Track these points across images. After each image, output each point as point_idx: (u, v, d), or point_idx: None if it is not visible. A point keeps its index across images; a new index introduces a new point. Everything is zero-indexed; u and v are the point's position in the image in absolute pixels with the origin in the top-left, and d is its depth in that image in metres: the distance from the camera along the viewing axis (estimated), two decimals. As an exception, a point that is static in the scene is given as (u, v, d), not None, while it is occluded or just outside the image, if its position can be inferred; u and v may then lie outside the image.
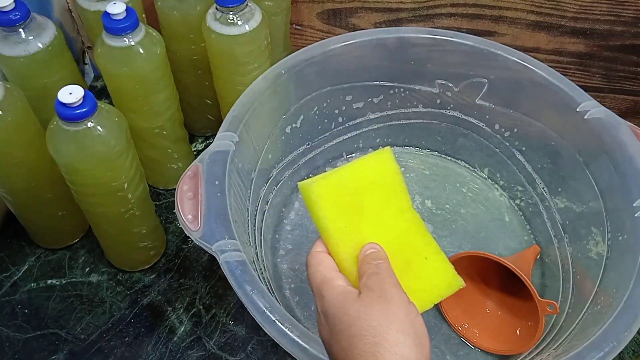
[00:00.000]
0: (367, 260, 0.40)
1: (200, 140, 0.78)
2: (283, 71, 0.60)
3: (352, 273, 0.40)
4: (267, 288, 0.49)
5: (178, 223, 0.67)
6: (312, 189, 0.42)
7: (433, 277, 0.44)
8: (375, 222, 0.43)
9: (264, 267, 0.59)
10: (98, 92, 0.82)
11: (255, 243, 0.58)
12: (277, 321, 0.44)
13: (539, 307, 0.53)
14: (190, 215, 0.49)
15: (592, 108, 0.57)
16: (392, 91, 0.68)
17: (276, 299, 0.51)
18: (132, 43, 0.55)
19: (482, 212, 0.70)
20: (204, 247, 0.47)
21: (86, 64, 0.82)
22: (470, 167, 0.75)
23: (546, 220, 0.66)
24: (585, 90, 0.59)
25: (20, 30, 0.54)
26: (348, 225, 0.42)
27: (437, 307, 0.61)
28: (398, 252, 0.43)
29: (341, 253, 0.41)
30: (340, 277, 0.39)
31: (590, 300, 0.51)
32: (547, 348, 0.52)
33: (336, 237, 0.41)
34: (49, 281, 0.64)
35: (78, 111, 0.48)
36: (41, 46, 0.55)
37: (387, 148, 0.45)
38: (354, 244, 0.41)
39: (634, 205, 0.51)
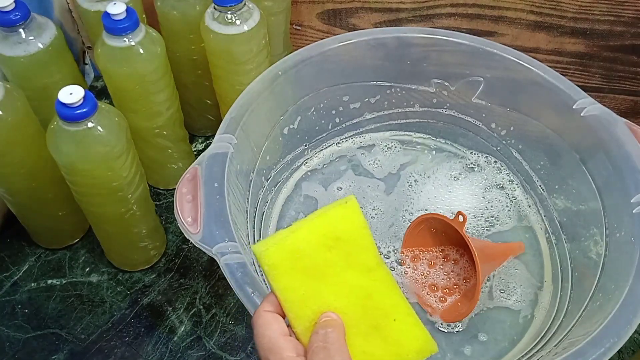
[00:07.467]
0: (316, 329, 0.38)
1: (200, 141, 0.79)
2: (280, 72, 0.60)
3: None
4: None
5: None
6: (266, 258, 0.38)
7: (402, 342, 0.40)
8: (339, 284, 0.40)
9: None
10: (98, 92, 0.82)
11: (255, 245, 0.58)
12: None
13: (471, 248, 0.54)
14: (189, 218, 0.49)
15: (588, 105, 0.57)
16: (388, 91, 0.69)
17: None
18: (132, 43, 0.56)
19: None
20: (204, 250, 0.47)
21: (86, 64, 0.82)
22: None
23: (544, 218, 0.66)
24: (585, 91, 0.59)
25: (21, 30, 0.54)
26: (306, 292, 0.39)
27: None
28: (363, 315, 0.40)
29: (299, 325, 0.38)
30: (289, 346, 0.37)
31: (589, 297, 0.51)
32: (548, 345, 0.52)
33: (295, 307, 0.39)
34: (49, 281, 0.64)
35: (78, 111, 0.48)
36: (41, 46, 0.56)
37: (352, 198, 0.40)
38: (312, 313, 0.39)
39: (631, 201, 0.51)
